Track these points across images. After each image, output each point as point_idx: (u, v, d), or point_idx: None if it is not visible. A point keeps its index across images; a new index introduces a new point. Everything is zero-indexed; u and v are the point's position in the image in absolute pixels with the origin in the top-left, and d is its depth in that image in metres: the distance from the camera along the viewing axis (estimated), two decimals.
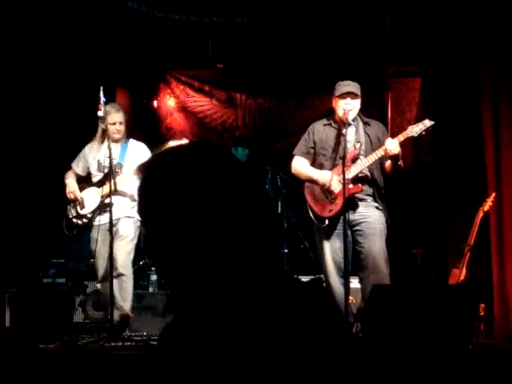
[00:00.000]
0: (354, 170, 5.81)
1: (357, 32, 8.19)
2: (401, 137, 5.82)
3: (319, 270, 6.19)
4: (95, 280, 6.54)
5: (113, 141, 6.33)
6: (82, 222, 6.37)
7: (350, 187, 5.74)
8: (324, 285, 5.90)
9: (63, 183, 6.52)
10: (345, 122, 5.82)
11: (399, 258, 6.87)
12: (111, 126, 6.34)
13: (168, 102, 8.93)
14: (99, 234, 6.27)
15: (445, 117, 7.52)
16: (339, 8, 7.98)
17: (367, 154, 5.86)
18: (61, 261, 7.19)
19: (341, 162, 5.77)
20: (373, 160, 5.81)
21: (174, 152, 1.67)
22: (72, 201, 6.40)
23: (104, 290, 6.36)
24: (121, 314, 6.24)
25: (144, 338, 6.08)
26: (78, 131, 7.37)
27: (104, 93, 5.99)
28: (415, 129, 5.84)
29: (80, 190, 6.43)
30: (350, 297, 6.13)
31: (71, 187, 6.42)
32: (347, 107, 5.81)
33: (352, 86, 5.90)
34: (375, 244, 5.82)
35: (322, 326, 1.58)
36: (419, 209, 8.02)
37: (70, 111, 7.66)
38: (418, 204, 8.05)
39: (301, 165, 6.12)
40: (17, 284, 6.70)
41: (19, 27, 7.10)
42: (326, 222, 5.89)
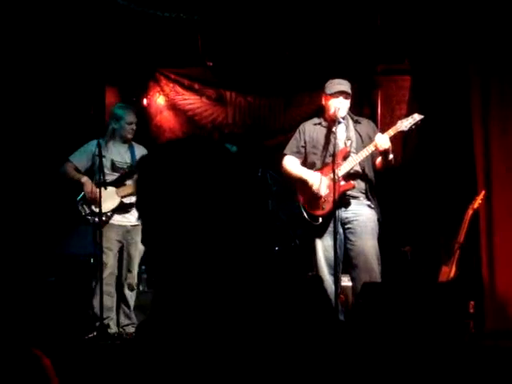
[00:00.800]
0: (346, 167, 5.82)
1: (347, 30, 8.18)
2: (391, 131, 5.85)
3: (310, 268, 6.19)
4: (96, 277, 6.40)
5: (124, 141, 6.46)
6: (100, 221, 6.31)
7: (342, 184, 5.75)
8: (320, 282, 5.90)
9: (59, 175, 6.47)
10: (335, 120, 5.83)
11: (389, 256, 6.87)
12: (128, 126, 6.44)
13: (158, 100, 8.91)
14: (116, 234, 6.30)
15: (434, 114, 7.53)
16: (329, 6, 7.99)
17: (358, 152, 5.87)
18: (52, 258, 7.17)
19: (331, 160, 5.79)
20: (364, 156, 5.82)
21: (170, 146, 1.67)
22: (90, 200, 6.34)
23: (108, 291, 6.34)
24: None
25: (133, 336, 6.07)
26: (68, 128, 7.36)
27: (94, 91, 5.99)
28: (405, 123, 5.87)
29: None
30: (341, 295, 6.14)
31: (89, 187, 6.34)
32: (338, 106, 5.82)
33: (345, 85, 5.91)
34: (367, 242, 5.83)
35: (313, 322, 1.58)
36: (409, 206, 8.03)
37: (60, 108, 7.63)
38: (408, 202, 8.05)
39: (291, 164, 6.12)
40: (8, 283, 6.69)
41: (7, 26, 7.08)
42: (320, 220, 5.90)
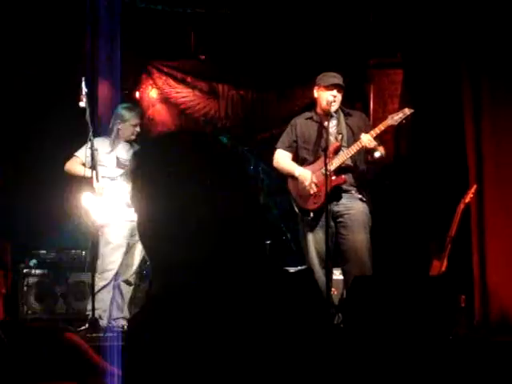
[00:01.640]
0: (337, 162, 5.83)
1: (339, 23, 8.18)
2: (381, 126, 5.88)
3: (301, 262, 6.20)
4: (96, 271, 6.30)
5: (126, 140, 6.47)
6: (103, 221, 6.29)
7: (333, 179, 5.76)
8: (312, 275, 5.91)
9: (66, 171, 6.45)
10: (327, 114, 5.84)
11: (380, 250, 6.89)
12: (132, 128, 6.45)
13: (150, 93, 8.90)
14: (125, 229, 6.31)
15: (426, 108, 7.55)
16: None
17: (349, 145, 5.88)
18: (42, 251, 7.14)
19: (323, 156, 5.81)
20: (353, 151, 5.84)
21: (163, 139, 1.67)
22: (97, 194, 6.29)
23: (108, 287, 6.35)
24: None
25: (125, 329, 6.08)
26: (60, 122, 7.34)
27: (86, 84, 5.97)
28: (395, 117, 5.90)
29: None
30: (333, 288, 6.15)
31: (100, 183, 6.27)
32: (332, 98, 5.84)
33: (339, 79, 5.92)
34: (359, 236, 5.84)
35: (306, 317, 1.58)
36: (400, 200, 8.04)
37: (52, 103, 7.62)
38: (399, 196, 8.06)
39: (283, 159, 6.13)
40: None
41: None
42: (311, 215, 5.91)
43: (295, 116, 6.36)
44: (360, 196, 5.94)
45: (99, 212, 6.28)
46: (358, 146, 5.80)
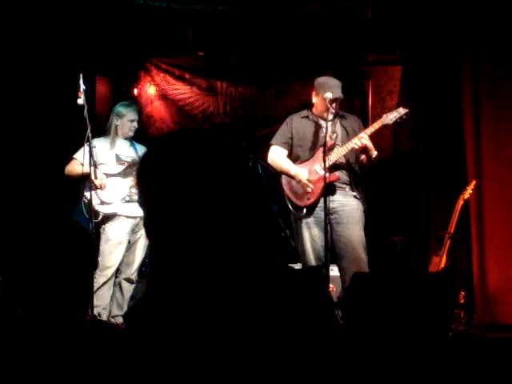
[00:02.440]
0: (331, 159, 5.83)
1: (337, 19, 8.16)
2: (376, 125, 5.91)
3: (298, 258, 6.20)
4: (96, 268, 6.24)
5: (124, 137, 6.49)
6: (108, 211, 6.31)
7: (327, 176, 5.76)
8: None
9: (67, 175, 6.45)
10: (324, 119, 5.90)
11: (379, 246, 6.89)
12: (130, 123, 6.48)
13: (148, 90, 8.89)
14: (126, 225, 6.30)
15: (425, 104, 7.55)
16: None
17: (343, 145, 5.90)
18: None
19: (317, 154, 5.89)
20: (348, 149, 5.85)
21: (169, 141, 1.68)
22: (98, 188, 6.29)
23: (109, 284, 6.35)
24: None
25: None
26: (58, 120, 7.34)
27: (84, 81, 5.96)
28: (390, 116, 5.92)
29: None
30: (331, 285, 6.15)
31: (100, 174, 6.29)
32: (333, 108, 5.87)
33: (339, 88, 5.94)
34: (354, 232, 5.85)
35: (310, 315, 1.58)
36: (399, 196, 8.04)
37: (50, 100, 7.60)
38: (399, 192, 8.06)
39: (278, 156, 6.14)
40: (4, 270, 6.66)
41: None
42: (304, 211, 5.92)
43: (294, 113, 6.37)
44: (354, 193, 5.95)
45: (101, 205, 6.28)
46: (352, 145, 5.81)
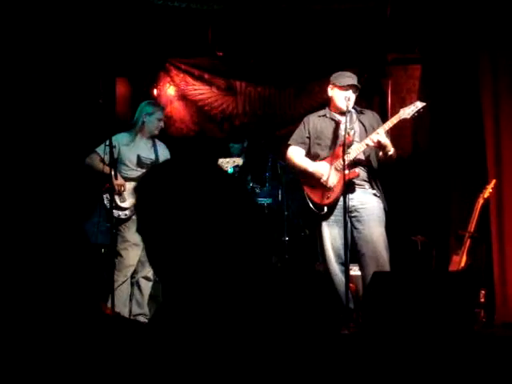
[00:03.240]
0: (350, 156, 5.81)
1: (357, 18, 8.16)
2: (393, 119, 5.87)
3: (320, 257, 6.20)
4: (115, 268, 6.33)
5: (150, 137, 6.54)
6: (124, 215, 6.32)
7: (347, 173, 5.75)
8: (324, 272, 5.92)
9: (86, 167, 6.45)
10: (342, 112, 5.88)
11: (399, 245, 6.88)
12: (157, 122, 6.55)
13: (168, 91, 8.92)
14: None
15: (445, 103, 7.53)
16: None
17: (361, 141, 5.88)
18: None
19: (335, 151, 5.87)
20: (364, 146, 5.83)
21: (163, 168, 1.73)
22: (117, 193, 6.34)
23: (127, 283, 6.40)
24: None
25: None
26: (78, 120, 7.38)
27: (104, 81, 5.99)
28: (407, 111, 5.89)
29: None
30: (351, 284, 6.14)
31: (121, 180, 6.33)
32: (346, 99, 5.85)
33: (354, 79, 5.95)
34: (375, 230, 5.82)
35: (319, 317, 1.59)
36: (419, 195, 8.03)
37: (71, 99, 7.65)
38: (419, 191, 8.05)
39: (296, 155, 6.14)
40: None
41: (15, 19, 7.08)
42: (325, 210, 5.91)
43: (313, 112, 6.38)
44: (374, 191, 5.93)
45: (119, 209, 6.31)
46: (371, 140, 5.80)
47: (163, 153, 6.61)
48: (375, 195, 5.92)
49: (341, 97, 5.92)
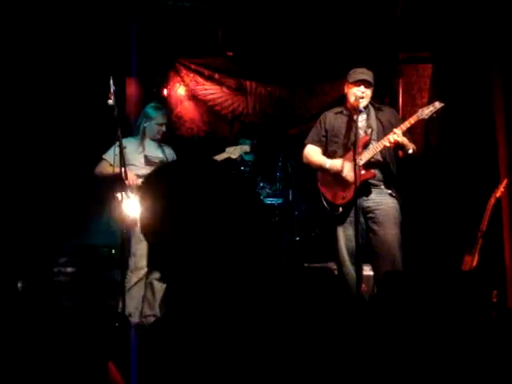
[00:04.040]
0: (366, 156, 5.80)
1: (367, 18, 8.15)
2: (411, 120, 5.84)
3: (330, 257, 6.19)
4: (128, 269, 6.34)
5: (152, 139, 6.53)
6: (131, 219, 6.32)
7: (363, 173, 5.73)
8: (336, 272, 5.90)
9: (96, 175, 6.47)
10: (356, 109, 5.83)
11: (411, 245, 6.85)
12: (158, 127, 6.53)
13: (178, 91, 8.92)
14: None
15: (456, 102, 7.50)
16: None
17: (379, 140, 5.85)
18: (73, 250, 7.17)
19: (352, 149, 5.79)
20: (382, 146, 5.80)
21: (166, 168, 1.73)
22: (130, 187, 6.30)
23: (139, 284, 6.39)
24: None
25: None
26: (88, 121, 7.39)
27: (114, 82, 5.98)
28: (426, 111, 5.86)
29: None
30: (363, 284, 6.13)
31: (131, 174, 6.28)
32: (360, 94, 5.83)
33: (366, 74, 5.91)
34: (390, 231, 5.80)
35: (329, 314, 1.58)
36: (431, 194, 8.00)
37: (81, 101, 7.66)
38: (430, 189, 8.03)
39: (313, 153, 6.13)
40: (28, 274, 6.73)
41: (28, 19, 7.10)
42: (340, 210, 5.89)
43: (323, 112, 6.36)
44: (389, 191, 5.91)
45: (132, 207, 6.29)
46: (388, 141, 5.77)
47: (170, 152, 6.63)
48: (391, 195, 5.90)
49: (353, 93, 5.90)
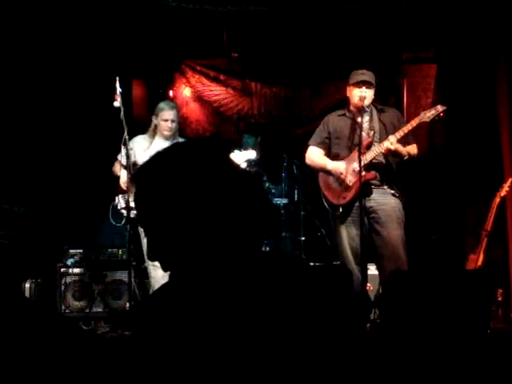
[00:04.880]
0: (368, 157, 5.82)
1: (372, 18, 8.16)
2: (413, 122, 5.87)
3: (336, 258, 6.20)
4: (145, 262, 6.45)
5: (163, 137, 6.52)
6: (132, 214, 6.34)
7: (364, 174, 5.75)
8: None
9: (114, 176, 6.53)
10: (359, 110, 5.86)
11: (416, 244, 6.87)
12: (163, 123, 6.52)
13: (184, 92, 8.94)
14: None
15: (460, 103, 7.51)
16: None
17: (382, 141, 5.87)
18: (79, 250, 7.19)
19: (354, 152, 5.83)
20: (379, 151, 5.84)
21: (166, 153, 1.72)
22: (124, 191, 6.35)
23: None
24: None
25: None
26: (95, 122, 7.42)
27: (120, 83, 6.01)
28: (428, 114, 5.89)
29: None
30: (368, 283, 6.15)
31: (123, 178, 6.34)
32: (361, 95, 5.85)
33: (367, 75, 5.93)
34: (393, 231, 5.81)
35: (335, 312, 1.60)
36: (436, 194, 8.01)
37: (87, 102, 7.69)
38: (435, 189, 8.03)
39: (315, 155, 6.15)
40: (35, 274, 6.76)
41: (34, 19, 7.13)
42: (340, 210, 5.92)
43: (328, 112, 6.39)
44: (392, 191, 5.92)
45: (125, 210, 6.31)
46: (381, 147, 5.80)
47: None
48: (394, 195, 5.91)
49: (355, 94, 5.92)
